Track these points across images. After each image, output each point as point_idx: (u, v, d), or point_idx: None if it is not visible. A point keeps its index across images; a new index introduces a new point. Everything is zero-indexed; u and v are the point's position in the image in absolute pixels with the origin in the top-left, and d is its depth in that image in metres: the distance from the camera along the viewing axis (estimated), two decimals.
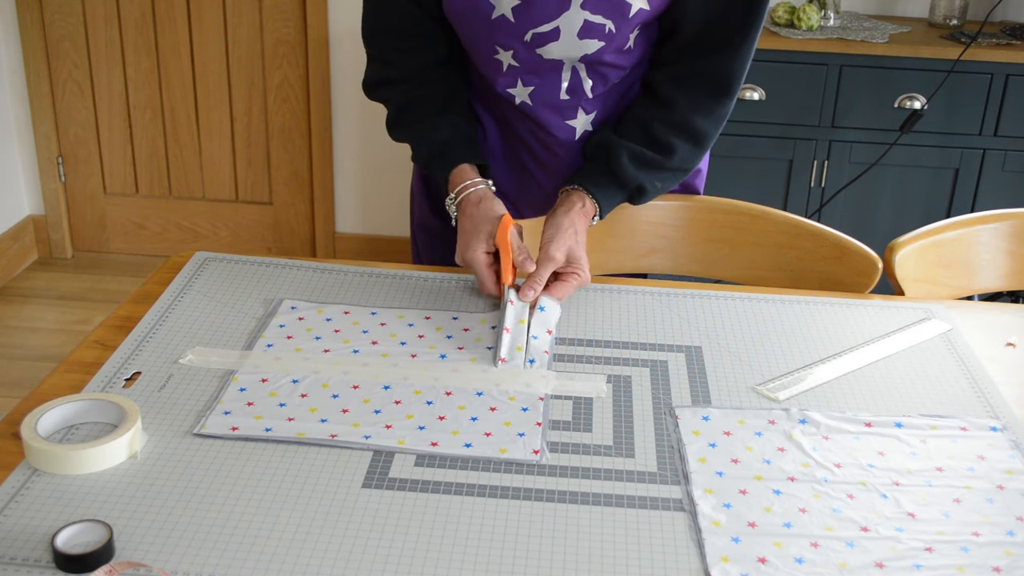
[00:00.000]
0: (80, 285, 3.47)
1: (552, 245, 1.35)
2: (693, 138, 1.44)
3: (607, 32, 1.36)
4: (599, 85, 1.45)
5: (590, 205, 1.42)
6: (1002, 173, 2.90)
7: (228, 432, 1.08)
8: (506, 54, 1.40)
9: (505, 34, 1.37)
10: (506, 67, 1.42)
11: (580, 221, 1.39)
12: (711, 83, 1.42)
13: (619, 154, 1.42)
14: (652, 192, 1.47)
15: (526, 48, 1.38)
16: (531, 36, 1.36)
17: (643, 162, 1.43)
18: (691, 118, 1.43)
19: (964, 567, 0.94)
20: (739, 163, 2.93)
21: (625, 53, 1.41)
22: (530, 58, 1.40)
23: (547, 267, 1.34)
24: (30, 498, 0.97)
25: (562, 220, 1.38)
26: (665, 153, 1.44)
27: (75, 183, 3.60)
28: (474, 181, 1.42)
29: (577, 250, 1.36)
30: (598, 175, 1.44)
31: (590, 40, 1.37)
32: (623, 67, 1.44)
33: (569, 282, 1.36)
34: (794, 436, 1.11)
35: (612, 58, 1.41)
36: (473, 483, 1.02)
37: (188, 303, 1.34)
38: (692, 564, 0.93)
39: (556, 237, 1.36)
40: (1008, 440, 1.13)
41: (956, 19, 3.00)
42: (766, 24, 2.92)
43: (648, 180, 1.44)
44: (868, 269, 1.54)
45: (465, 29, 1.41)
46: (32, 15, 3.37)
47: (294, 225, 3.62)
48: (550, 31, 1.36)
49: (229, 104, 3.47)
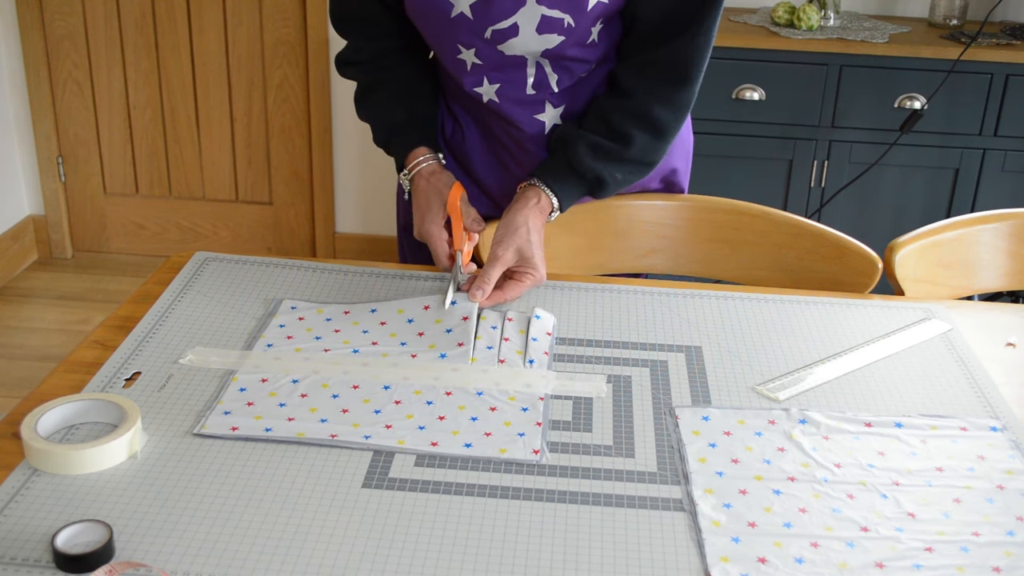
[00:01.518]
0: (80, 285, 3.47)
1: (500, 246, 1.36)
2: (652, 128, 1.44)
3: (566, 26, 1.36)
4: (565, 79, 1.45)
5: (546, 200, 1.42)
6: (1002, 173, 2.90)
7: (228, 432, 1.08)
8: (468, 52, 1.40)
9: (466, 32, 1.38)
10: (470, 66, 1.42)
11: (534, 218, 1.39)
12: (668, 72, 1.42)
13: (576, 146, 1.43)
14: (612, 184, 1.46)
15: (487, 45, 1.39)
16: (491, 33, 1.37)
17: (601, 153, 1.43)
18: (650, 107, 1.42)
19: (964, 567, 0.94)
20: (739, 163, 2.93)
21: (589, 47, 1.41)
22: (492, 55, 1.40)
23: (495, 267, 1.34)
24: (30, 498, 0.97)
25: (515, 218, 1.39)
26: (624, 143, 1.43)
27: (75, 183, 3.60)
28: (426, 157, 1.47)
29: (529, 248, 1.36)
30: (556, 168, 1.44)
31: (550, 35, 1.37)
32: (588, 60, 1.44)
33: (523, 282, 1.36)
34: (794, 436, 1.11)
35: (575, 52, 1.41)
36: (473, 483, 1.02)
37: (188, 303, 1.34)
38: (692, 564, 0.93)
39: (505, 237, 1.36)
40: (1008, 440, 1.13)
41: (956, 19, 3.00)
42: (766, 24, 2.92)
43: (607, 171, 1.44)
44: (868, 269, 1.54)
45: (427, 28, 1.42)
46: (32, 15, 3.37)
47: (294, 225, 3.62)
48: (509, 27, 1.36)
49: (229, 104, 3.47)
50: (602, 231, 1.63)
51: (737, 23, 2.97)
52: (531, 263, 1.36)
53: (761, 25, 2.93)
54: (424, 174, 1.46)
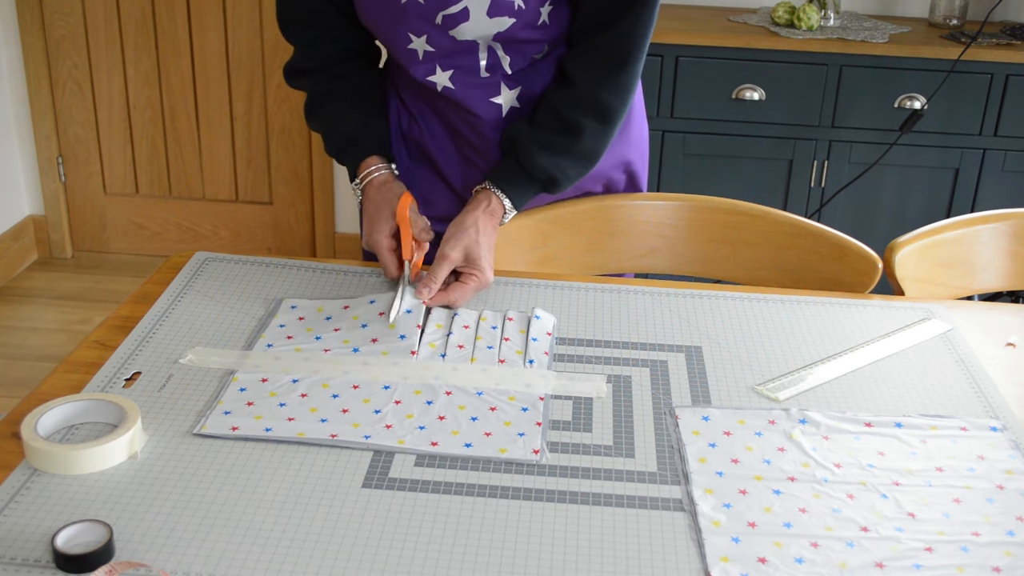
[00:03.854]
0: (80, 285, 3.47)
1: (448, 244, 1.36)
2: (599, 114, 1.43)
3: (516, 8, 1.36)
4: (518, 60, 1.45)
5: (496, 203, 1.42)
6: (1002, 173, 2.90)
7: (228, 432, 1.08)
8: (419, 40, 1.40)
9: (416, 18, 1.38)
10: (422, 54, 1.42)
11: (484, 221, 1.40)
12: (610, 54, 1.42)
13: (526, 145, 1.42)
14: (564, 181, 1.46)
15: (439, 31, 1.39)
16: (441, 18, 1.37)
17: (551, 150, 1.43)
18: (595, 92, 1.42)
19: (964, 567, 0.94)
20: (739, 163, 2.93)
21: (540, 28, 1.41)
22: (444, 41, 1.40)
23: (442, 266, 1.35)
24: (30, 498, 0.97)
25: (465, 219, 1.39)
26: (573, 135, 1.43)
27: (75, 183, 3.60)
28: (378, 166, 1.47)
29: (476, 250, 1.36)
30: (508, 169, 1.44)
31: (500, 18, 1.37)
32: (540, 41, 1.44)
33: (468, 284, 1.36)
34: (794, 436, 1.11)
35: (527, 34, 1.41)
36: (473, 483, 1.02)
37: (188, 303, 1.34)
38: (692, 564, 0.93)
39: (454, 237, 1.37)
40: (1008, 440, 1.13)
41: (956, 19, 3.00)
42: (766, 24, 2.92)
43: (558, 169, 1.43)
44: (868, 269, 1.55)
45: (376, 20, 1.42)
46: (32, 15, 3.37)
47: (294, 225, 3.62)
48: (460, 11, 1.36)
49: (229, 104, 3.47)
50: (602, 231, 1.63)
51: (737, 23, 2.97)
52: (477, 265, 1.36)
53: (761, 25, 2.93)
54: (375, 184, 1.46)
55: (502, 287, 1.42)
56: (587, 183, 1.60)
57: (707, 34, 2.81)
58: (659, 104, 2.86)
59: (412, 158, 1.56)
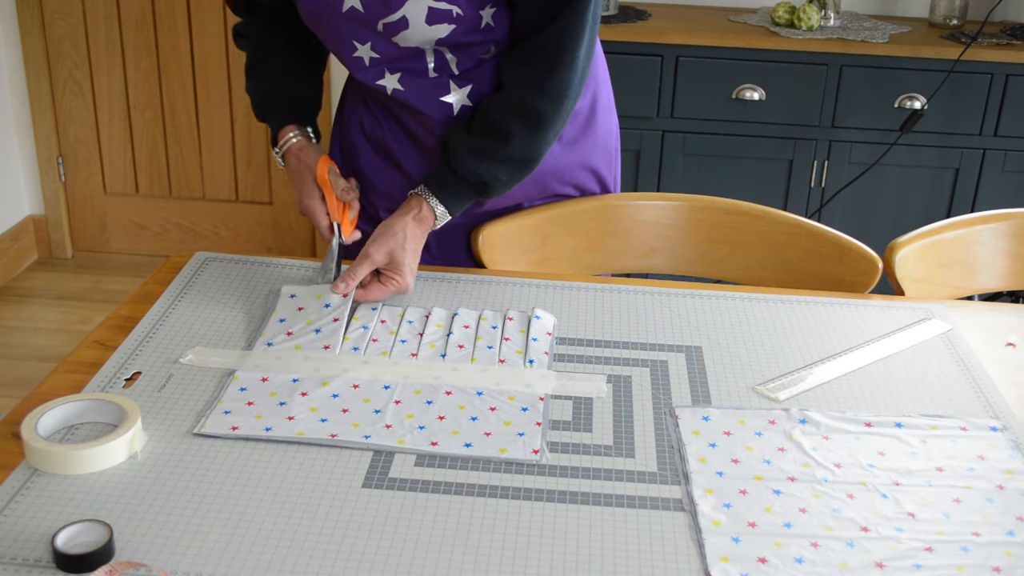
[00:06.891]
0: (80, 285, 3.47)
1: (373, 245, 1.37)
2: (528, 119, 1.41)
3: (455, 16, 1.36)
4: (465, 61, 1.44)
5: (427, 210, 1.41)
6: (1002, 173, 2.90)
7: (228, 432, 1.08)
8: (364, 48, 1.40)
9: (359, 26, 1.38)
10: (368, 60, 1.42)
11: (412, 226, 1.40)
12: (540, 58, 1.41)
13: (458, 151, 1.42)
14: (497, 186, 1.44)
15: (381, 38, 1.39)
16: (382, 27, 1.37)
17: (482, 155, 1.42)
18: (524, 97, 1.41)
19: (964, 567, 0.94)
20: (739, 163, 2.93)
21: (484, 31, 1.41)
22: (388, 48, 1.40)
23: (363, 265, 1.36)
24: (30, 498, 0.97)
25: (394, 222, 1.40)
26: (503, 139, 1.41)
27: (75, 183, 3.60)
28: (295, 133, 1.51)
29: (401, 255, 1.37)
30: (441, 174, 1.44)
31: (439, 25, 1.37)
32: (487, 42, 1.43)
33: (387, 286, 1.37)
34: (794, 436, 1.11)
35: (471, 38, 1.40)
36: (473, 483, 1.02)
37: (188, 303, 1.34)
38: (692, 564, 0.93)
39: (379, 238, 1.38)
40: (1008, 440, 1.13)
41: (956, 19, 3.00)
42: (766, 24, 2.92)
43: (489, 174, 1.42)
44: (868, 269, 1.55)
45: (321, 27, 1.42)
46: (32, 15, 3.37)
47: (294, 225, 3.62)
48: (399, 20, 1.36)
49: (229, 104, 3.47)
50: (602, 231, 1.63)
51: (737, 23, 2.97)
52: (399, 269, 1.37)
53: (761, 25, 2.93)
54: (293, 151, 1.50)
55: (502, 287, 1.43)
56: (554, 186, 1.58)
57: (707, 34, 2.81)
58: (659, 104, 2.86)
59: (379, 157, 1.56)
